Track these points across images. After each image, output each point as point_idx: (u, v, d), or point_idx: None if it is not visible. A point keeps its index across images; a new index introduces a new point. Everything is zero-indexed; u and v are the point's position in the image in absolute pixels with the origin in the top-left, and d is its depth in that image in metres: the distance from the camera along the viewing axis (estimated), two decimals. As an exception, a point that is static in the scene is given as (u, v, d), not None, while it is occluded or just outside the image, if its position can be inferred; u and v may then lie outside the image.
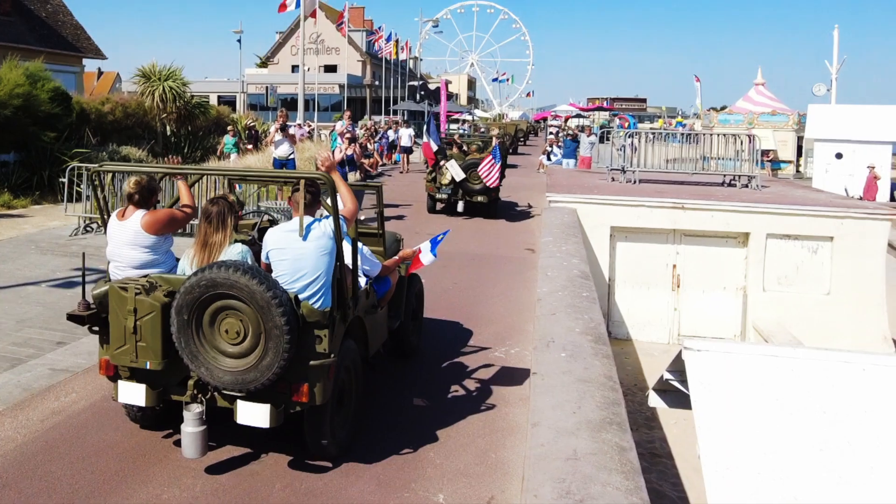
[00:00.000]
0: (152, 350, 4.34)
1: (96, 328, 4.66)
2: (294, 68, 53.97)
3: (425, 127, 14.89)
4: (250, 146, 22.68)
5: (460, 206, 15.25)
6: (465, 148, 17.49)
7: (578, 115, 59.26)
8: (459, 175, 14.85)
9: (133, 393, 4.54)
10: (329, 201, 4.59)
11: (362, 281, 5.29)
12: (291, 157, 14.57)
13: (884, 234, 12.65)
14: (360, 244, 5.26)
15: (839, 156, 28.18)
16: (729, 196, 13.86)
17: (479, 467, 4.75)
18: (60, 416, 5.35)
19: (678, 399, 5.05)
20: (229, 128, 21.29)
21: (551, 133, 39.85)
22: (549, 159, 26.45)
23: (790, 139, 35.27)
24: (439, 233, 6.48)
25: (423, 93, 47.64)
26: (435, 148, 15.41)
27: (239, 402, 4.39)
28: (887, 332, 12.28)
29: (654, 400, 5.22)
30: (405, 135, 27.61)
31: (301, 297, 4.40)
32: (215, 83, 57.24)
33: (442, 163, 15.31)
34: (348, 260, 4.80)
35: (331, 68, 59.83)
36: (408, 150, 27.17)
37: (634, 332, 12.95)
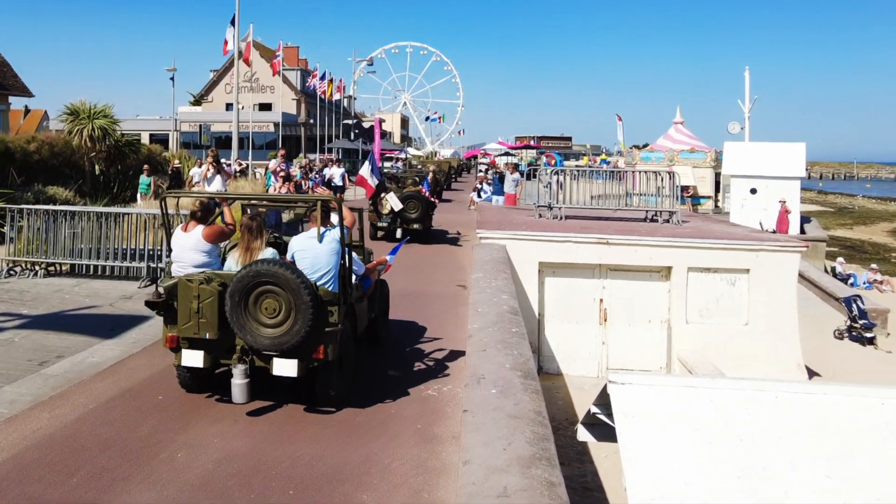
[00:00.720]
0: (211, 324, 6.00)
1: (162, 312, 6.25)
2: (228, 106, 53.49)
3: (367, 163, 16.03)
4: (165, 185, 21.90)
5: (398, 233, 16.89)
6: (401, 184, 20.51)
7: (507, 153, 60.38)
8: (398, 205, 16.80)
9: (194, 357, 6.16)
10: (335, 218, 6.60)
11: (353, 278, 6.85)
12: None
13: (795, 265, 13.27)
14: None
15: (754, 191, 29.51)
16: (651, 231, 14.31)
17: (411, 508, 4.74)
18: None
19: (606, 432, 5.14)
20: (145, 167, 20.52)
21: (481, 171, 40.48)
22: (479, 196, 26.85)
23: (708, 175, 36.74)
24: (398, 243, 8.04)
25: (357, 131, 47.88)
26: (376, 182, 16.50)
27: (274, 359, 6.06)
28: (800, 360, 12.81)
29: (583, 434, 5.30)
30: (337, 174, 27.31)
31: (318, 283, 6.15)
32: (147, 121, 56.57)
33: (382, 195, 16.94)
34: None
35: (266, 106, 59.53)
36: (340, 190, 26.65)
37: (565, 366, 13.13)
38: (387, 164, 37.39)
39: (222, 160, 18.12)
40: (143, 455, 5.38)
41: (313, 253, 6.36)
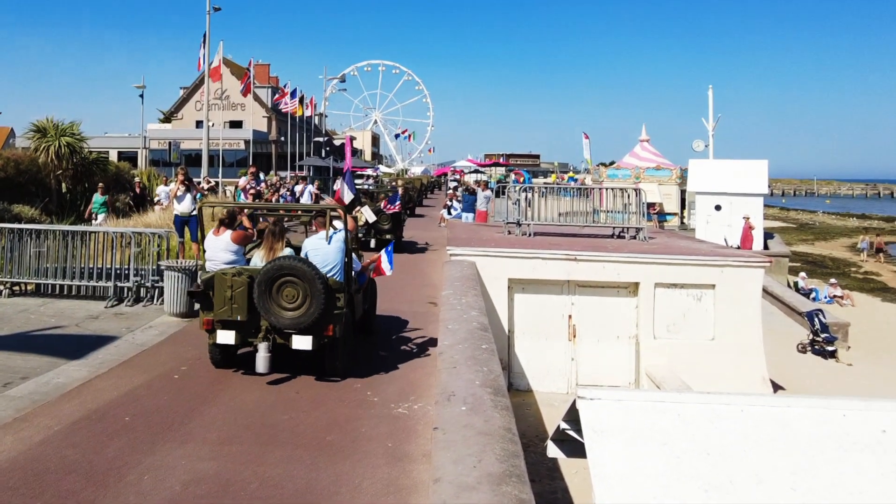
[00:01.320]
0: (241, 309, 7.44)
1: (200, 300, 7.77)
2: (199, 124, 53.17)
3: (341, 179, 16.78)
4: (123, 203, 21.34)
5: (372, 243, 18.16)
6: (374, 199, 22.31)
7: (476, 171, 60.71)
8: (372, 217, 17.74)
9: (227, 336, 7.57)
10: (338, 224, 8.20)
11: (352, 273, 8.18)
12: (194, 213, 13.96)
13: (759, 280, 13.51)
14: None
15: (718, 207, 30.03)
16: (619, 247, 14.47)
17: (382, 527, 4.73)
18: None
19: (575, 448, 5.17)
20: (99, 185, 19.66)
21: (451, 188, 40.67)
22: (449, 213, 26.93)
23: (674, 192, 37.28)
24: (386, 248, 9.24)
25: (328, 149, 47.81)
26: (351, 197, 16.94)
27: (293, 336, 7.48)
28: (766, 374, 13.02)
29: (553, 450, 5.33)
30: (305, 192, 26.17)
31: (328, 275, 7.67)
32: (115, 139, 56.14)
33: (357, 207, 17.62)
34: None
35: (236, 124, 59.22)
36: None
37: (534, 382, 13.17)
38: (358, 182, 37.55)
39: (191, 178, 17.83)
40: (108, 478, 5.29)
41: (323, 251, 7.96)
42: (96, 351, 8.76)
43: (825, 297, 26.61)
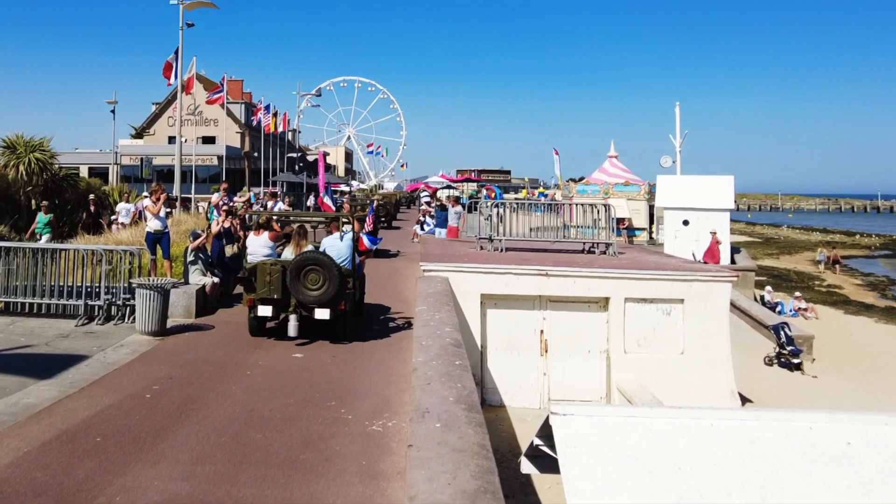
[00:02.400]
0: (277, 289, 9.96)
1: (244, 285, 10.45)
2: (171, 139, 52.78)
3: (326, 194, 17.44)
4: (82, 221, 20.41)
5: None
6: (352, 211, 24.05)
7: (449, 186, 60.93)
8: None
9: (265, 310, 10.10)
10: (346, 227, 11.16)
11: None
12: (167, 230, 13.74)
13: (727, 294, 13.74)
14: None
15: (686, 223, 30.45)
16: (589, 262, 14.63)
17: (358, 546, 4.73)
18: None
19: (549, 464, 5.22)
20: (44, 203, 18.72)
21: (423, 204, 40.77)
22: (422, 229, 27.00)
23: (643, 208, 37.76)
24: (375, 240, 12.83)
25: (301, 164, 47.72)
26: (334, 207, 17.91)
27: (316, 309, 9.96)
28: (734, 387, 13.23)
29: (527, 466, 5.38)
30: (276, 208, 23.41)
31: (341, 265, 10.25)
32: (86, 154, 55.67)
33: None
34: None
35: (209, 139, 58.91)
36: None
37: (507, 398, 13.23)
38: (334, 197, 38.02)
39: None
40: (78, 500, 5.22)
41: (337, 247, 10.75)
42: (67, 370, 8.63)
43: (790, 311, 27.13)
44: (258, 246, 11.00)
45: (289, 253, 10.64)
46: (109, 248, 11.97)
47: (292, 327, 9.99)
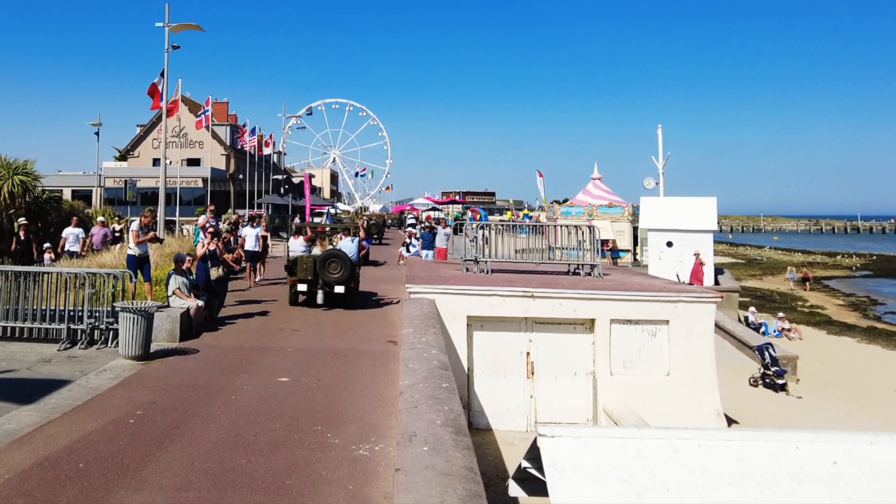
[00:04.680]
0: (310, 273, 14.64)
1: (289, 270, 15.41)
2: (156, 161, 52.73)
3: (325, 217, 19.74)
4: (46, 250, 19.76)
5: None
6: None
7: (434, 208, 61.09)
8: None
9: (302, 287, 14.77)
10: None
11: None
12: (148, 253, 13.60)
13: (711, 315, 13.81)
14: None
15: (670, 244, 30.65)
16: (574, 284, 14.68)
17: (345, 571, 4.68)
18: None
19: (537, 486, 5.22)
20: (22, 222, 17.95)
21: (409, 226, 40.81)
22: (408, 251, 27.00)
23: (627, 229, 37.99)
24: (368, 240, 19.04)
25: (287, 186, 47.60)
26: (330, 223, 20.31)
27: (336, 286, 14.46)
28: (720, 408, 13.26)
29: (515, 489, 5.37)
30: (251, 235, 19.50)
31: (352, 258, 15.17)
32: (70, 177, 55.48)
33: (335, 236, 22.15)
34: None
35: (194, 161, 58.80)
36: (255, 257, 19.29)
37: (494, 421, 13.19)
38: (317, 220, 37.87)
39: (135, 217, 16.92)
40: (61, 528, 5.13)
41: (349, 247, 15.86)
42: (48, 395, 8.52)
43: (774, 331, 27.30)
44: (297, 245, 16.59)
45: (317, 250, 16.10)
46: (93, 272, 11.86)
47: (320, 297, 14.56)
